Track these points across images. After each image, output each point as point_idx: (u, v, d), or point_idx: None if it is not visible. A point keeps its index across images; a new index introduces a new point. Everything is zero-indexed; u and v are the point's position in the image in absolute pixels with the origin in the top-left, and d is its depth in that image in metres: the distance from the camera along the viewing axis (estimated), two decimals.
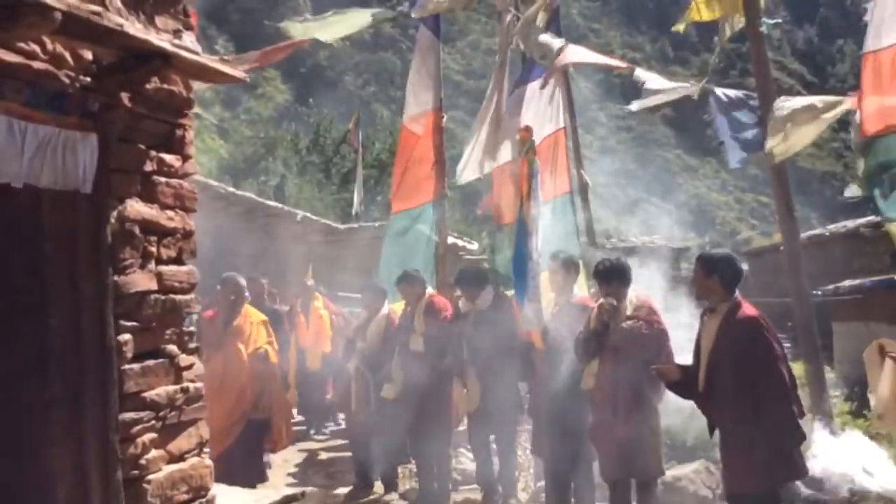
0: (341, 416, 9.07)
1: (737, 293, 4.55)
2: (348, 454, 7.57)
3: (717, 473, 6.43)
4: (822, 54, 39.65)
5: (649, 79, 7.04)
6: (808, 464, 4.62)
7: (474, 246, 16.69)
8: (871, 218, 12.07)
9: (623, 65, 7.16)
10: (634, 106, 7.06)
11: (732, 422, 4.42)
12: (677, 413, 5.00)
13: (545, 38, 6.67)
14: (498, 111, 7.19)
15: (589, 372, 5.37)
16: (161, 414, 3.55)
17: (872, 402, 4.91)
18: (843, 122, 6.81)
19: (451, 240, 11.58)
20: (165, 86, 3.61)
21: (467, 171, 7.73)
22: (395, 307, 7.04)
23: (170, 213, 3.66)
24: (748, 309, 4.50)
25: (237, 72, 3.72)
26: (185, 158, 3.77)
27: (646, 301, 5.46)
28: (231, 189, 11.82)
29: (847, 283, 11.72)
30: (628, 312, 5.28)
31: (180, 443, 3.68)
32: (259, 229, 12.42)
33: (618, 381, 5.16)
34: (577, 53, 6.74)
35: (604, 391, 5.23)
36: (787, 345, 6.29)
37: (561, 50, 6.56)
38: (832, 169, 30.79)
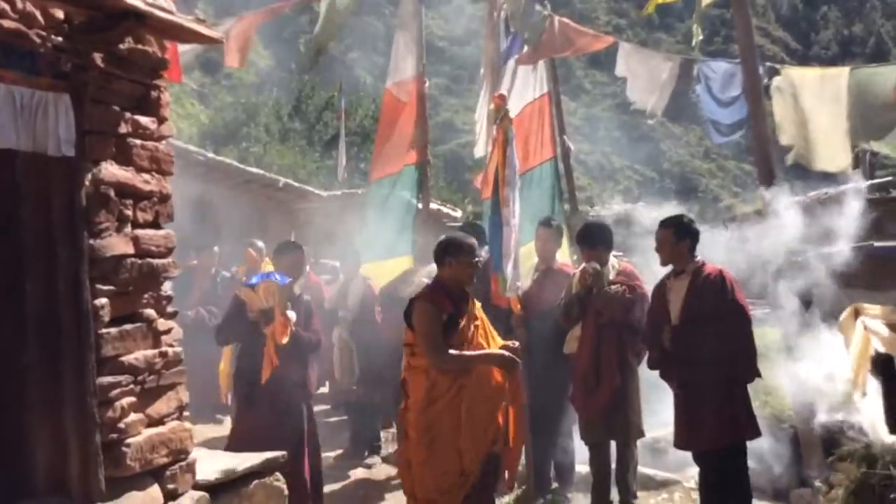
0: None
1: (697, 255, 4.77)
2: (332, 419, 7.63)
3: None
4: (806, 21, 39.56)
5: (632, 53, 7.00)
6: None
7: (458, 213, 16.67)
8: (853, 185, 12.15)
9: (607, 42, 7.09)
10: (620, 67, 6.98)
11: (706, 378, 4.50)
12: (655, 375, 5.05)
13: (530, 8, 6.62)
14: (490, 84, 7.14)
15: (572, 336, 5.44)
16: (139, 378, 3.53)
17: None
18: None
19: (434, 206, 11.56)
20: (139, 46, 3.55)
21: (479, 146, 7.79)
22: (370, 274, 7.08)
23: (146, 176, 3.61)
24: (712, 267, 4.74)
25: (213, 32, 3.66)
26: (161, 120, 3.71)
27: (627, 266, 5.51)
28: (211, 155, 11.69)
29: (827, 249, 11.81)
30: (611, 277, 5.32)
31: (159, 406, 3.67)
32: (240, 196, 12.32)
33: (600, 345, 5.22)
34: (560, 34, 6.68)
35: (586, 355, 5.29)
36: (766, 310, 6.35)
37: (544, 30, 6.55)
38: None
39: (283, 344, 4.91)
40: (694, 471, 6.12)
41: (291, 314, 5.05)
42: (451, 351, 4.09)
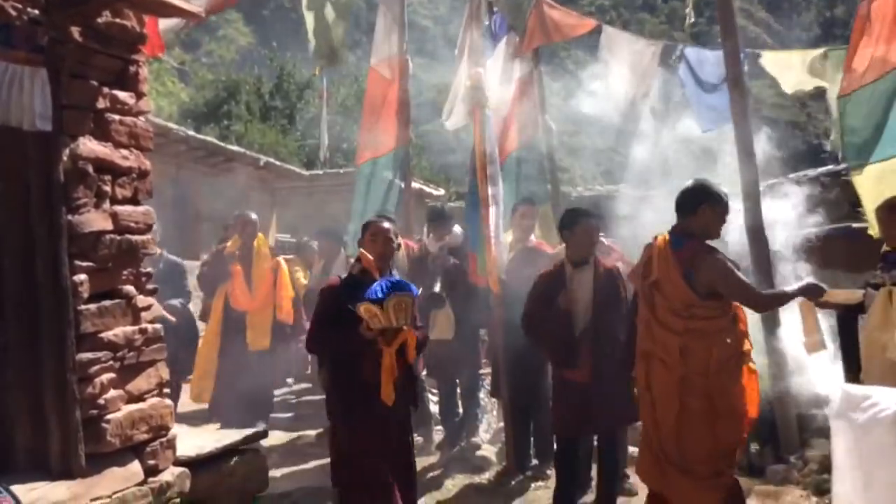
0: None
1: None
2: (313, 397, 7.63)
3: None
4: (788, 2, 39.67)
5: (616, 37, 6.98)
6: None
7: (441, 192, 16.67)
8: (832, 167, 12.25)
9: (590, 26, 7.05)
10: (602, 52, 6.97)
11: (617, 362, 4.58)
12: None
13: None
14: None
15: None
16: (119, 354, 3.53)
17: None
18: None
19: (417, 185, 11.55)
20: (117, 20, 3.51)
21: (454, 116, 7.60)
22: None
23: (124, 151, 3.59)
24: (604, 261, 4.93)
25: (193, 7, 3.62)
26: (139, 96, 3.68)
27: (613, 245, 5.51)
28: (191, 133, 11.60)
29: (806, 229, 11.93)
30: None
31: (139, 383, 3.67)
32: (220, 174, 12.25)
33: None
34: (546, 19, 6.67)
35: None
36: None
37: (529, 13, 6.54)
38: (795, 118, 31.05)
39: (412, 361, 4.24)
40: None
41: None
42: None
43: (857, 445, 2.71)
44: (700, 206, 3.95)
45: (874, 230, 5.30)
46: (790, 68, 6.91)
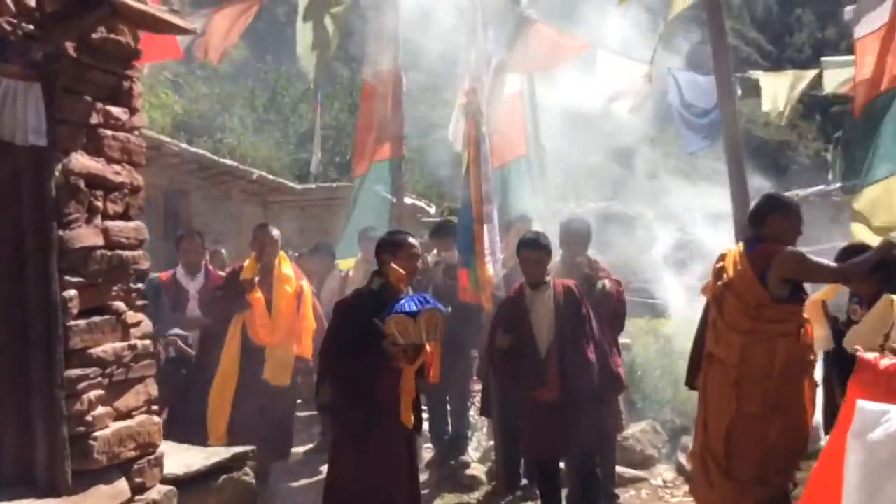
0: None
1: None
2: (301, 413, 7.58)
3: (663, 433, 6.62)
4: (780, 23, 39.92)
5: (606, 58, 7.04)
6: None
7: (433, 209, 16.66)
8: (822, 187, 12.34)
9: (585, 48, 7.10)
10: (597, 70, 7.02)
11: (592, 381, 4.66)
12: (627, 374, 5.10)
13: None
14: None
15: None
16: (108, 371, 3.50)
17: None
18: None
19: (409, 201, 11.53)
20: (112, 35, 3.51)
21: (458, 134, 7.63)
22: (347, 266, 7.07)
23: (116, 167, 3.58)
24: (561, 281, 4.95)
25: (187, 23, 3.63)
26: (133, 111, 3.68)
27: (600, 262, 5.52)
28: (184, 145, 11.57)
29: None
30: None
31: (128, 400, 3.64)
32: (213, 187, 12.22)
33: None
34: (540, 44, 6.71)
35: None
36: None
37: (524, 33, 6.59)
38: (787, 138, 31.19)
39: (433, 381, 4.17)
40: (662, 468, 6.22)
41: None
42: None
43: (867, 461, 2.64)
44: (768, 216, 4.04)
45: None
46: (781, 88, 6.99)
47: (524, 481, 5.85)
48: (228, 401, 5.73)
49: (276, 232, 6.06)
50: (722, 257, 4.17)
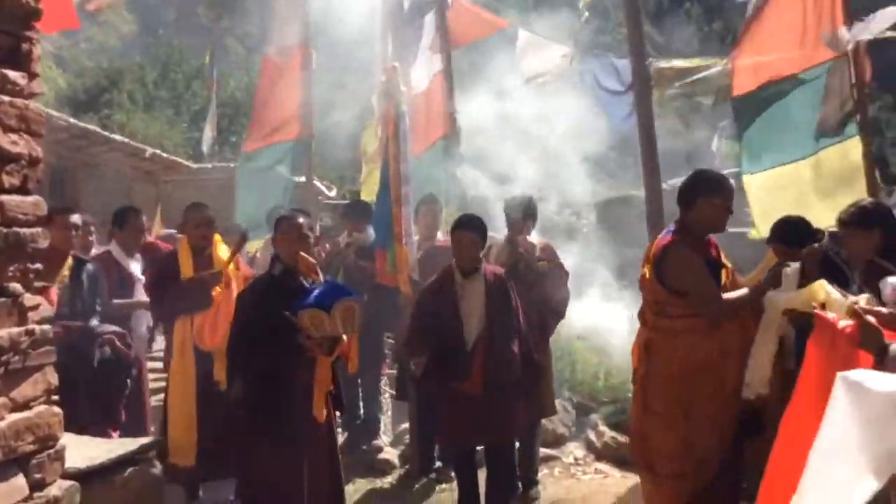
0: None
1: None
2: None
3: (572, 412, 6.71)
4: (670, 15, 41.37)
5: (526, 39, 7.06)
6: None
7: (333, 192, 16.43)
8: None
9: (502, 25, 7.10)
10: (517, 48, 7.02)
11: (515, 374, 4.56)
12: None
13: None
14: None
15: None
16: (3, 358, 3.21)
17: None
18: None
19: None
20: None
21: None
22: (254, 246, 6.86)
23: (13, 136, 3.27)
24: (491, 268, 4.75)
25: None
26: (32, 76, 3.36)
27: (548, 243, 5.41)
28: (73, 120, 10.94)
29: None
30: (536, 254, 5.19)
31: (25, 390, 3.36)
32: (103, 164, 11.62)
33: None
34: (458, 19, 6.66)
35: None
36: None
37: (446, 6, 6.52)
38: (674, 126, 32.32)
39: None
40: (573, 446, 6.30)
41: None
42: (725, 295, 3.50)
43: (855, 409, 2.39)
44: (697, 198, 3.69)
45: (757, 233, 5.56)
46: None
47: (438, 464, 5.81)
48: (192, 418, 4.91)
49: (209, 212, 5.36)
50: (650, 246, 3.96)
